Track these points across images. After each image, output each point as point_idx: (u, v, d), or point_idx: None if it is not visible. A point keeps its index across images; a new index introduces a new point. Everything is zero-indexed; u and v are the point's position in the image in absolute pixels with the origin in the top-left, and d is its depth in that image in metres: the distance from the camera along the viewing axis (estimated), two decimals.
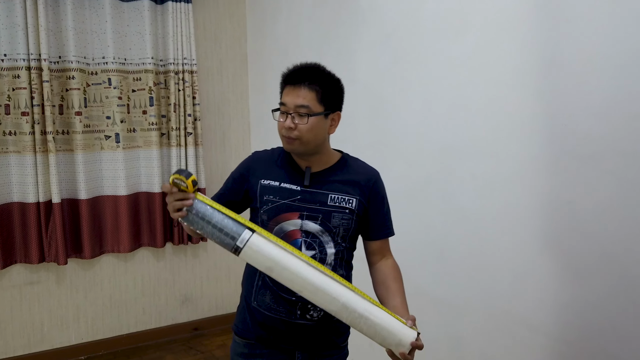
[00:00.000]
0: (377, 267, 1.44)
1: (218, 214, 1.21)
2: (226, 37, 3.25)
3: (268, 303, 1.37)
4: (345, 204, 1.35)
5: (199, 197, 1.22)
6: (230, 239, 1.19)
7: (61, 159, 2.71)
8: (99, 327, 2.99)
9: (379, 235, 1.44)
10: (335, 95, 1.36)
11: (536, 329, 1.62)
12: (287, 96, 1.32)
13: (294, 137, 1.30)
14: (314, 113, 1.30)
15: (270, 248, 1.19)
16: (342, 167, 1.42)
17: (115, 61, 2.78)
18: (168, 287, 3.19)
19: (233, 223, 1.20)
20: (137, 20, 2.85)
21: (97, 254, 2.87)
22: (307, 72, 1.33)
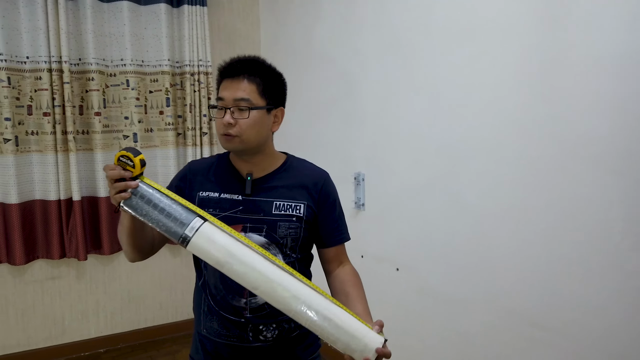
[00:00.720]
0: (334, 275, 1.31)
1: (166, 199, 1.09)
2: (240, 39, 3.32)
3: (217, 329, 1.25)
4: (292, 210, 1.24)
5: (146, 179, 1.10)
6: (178, 227, 1.06)
7: (81, 158, 2.80)
8: (118, 321, 3.08)
9: (333, 241, 1.32)
10: (277, 89, 1.26)
11: (541, 326, 1.65)
12: (225, 90, 1.20)
13: (234, 133, 1.19)
14: (255, 107, 1.19)
15: (223, 238, 1.07)
16: (287, 170, 1.30)
17: (133, 63, 2.86)
18: (184, 282, 3.27)
19: (182, 209, 1.08)
20: (154, 23, 2.92)
21: (116, 250, 2.96)
22: (246, 64, 1.22)
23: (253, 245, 1.09)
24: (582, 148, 1.49)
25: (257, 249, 1.09)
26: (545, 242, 1.62)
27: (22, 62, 2.61)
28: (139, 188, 1.08)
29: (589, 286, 1.50)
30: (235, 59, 1.23)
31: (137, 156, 1.07)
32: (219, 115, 1.21)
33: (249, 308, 1.22)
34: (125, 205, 1.08)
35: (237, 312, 1.22)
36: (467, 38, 1.84)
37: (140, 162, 1.08)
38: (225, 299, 1.23)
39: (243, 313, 1.22)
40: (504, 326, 1.78)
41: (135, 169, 1.07)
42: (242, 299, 1.22)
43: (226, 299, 1.23)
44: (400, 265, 2.24)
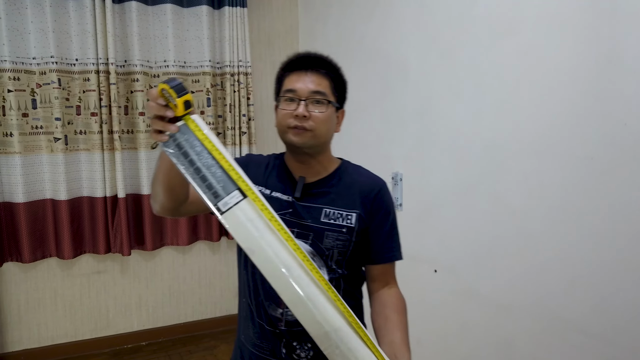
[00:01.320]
0: (376, 295, 1.20)
1: (207, 157, 0.92)
2: (279, 39, 3.35)
3: (252, 338, 1.19)
4: (341, 220, 1.14)
5: (190, 123, 0.93)
6: (212, 195, 0.92)
7: (126, 156, 2.90)
8: (159, 315, 3.17)
9: (380, 258, 1.19)
10: (343, 89, 1.21)
11: (591, 334, 1.59)
12: (299, 82, 1.13)
13: (308, 127, 1.11)
14: (331, 101, 1.14)
15: (259, 226, 0.92)
16: (340, 175, 1.21)
17: (175, 64, 2.93)
18: (223, 279, 3.33)
19: (222, 175, 0.92)
20: (196, 25, 2.99)
21: (158, 246, 3.05)
22: (319, 59, 1.17)
23: (296, 250, 0.94)
24: (638, 148, 1.43)
25: (300, 255, 0.94)
26: (596, 246, 1.57)
27: (72, 64, 2.72)
28: (179, 135, 0.92)
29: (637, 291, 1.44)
30: (305, 53, 1.18)
31: (181, 96, 0.89)
32: (287, 107, 1.13)
33: (285, 320, 1.13)
34: (164, 147, 0.93)
35: (272, 322, 1.14)
36: (513, 33, 1.80)
37: (184, 104, 0.89)
38: (263, 305, 1.16)
39: (278, 324, 1.14)
40: (550, 333, 1.73)
41: (177, 109, 0.90)
42: (279, 309, 1.14)
43: (263, 305, 1.16)
44: (438, 267, 2.22)
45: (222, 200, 0.92)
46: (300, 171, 1.19)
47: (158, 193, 1.08)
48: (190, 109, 0.92)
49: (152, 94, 0.90)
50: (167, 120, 0.92)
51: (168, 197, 1.08)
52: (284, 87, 1.16)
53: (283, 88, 1.16)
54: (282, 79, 1.18)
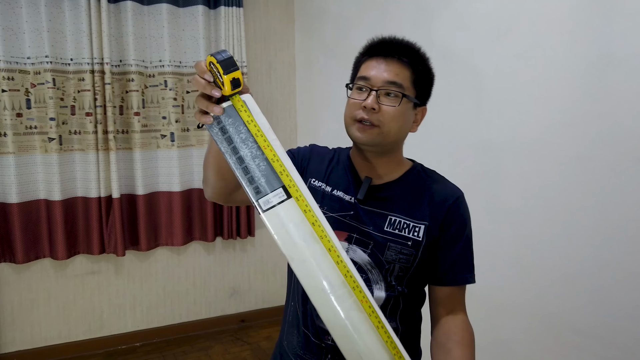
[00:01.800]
0: (440, 323, 1.04)
1: (252, 145, 0.83)
2: (275, 39, 3.35)
3: (295, 347, 1.08)
4: (407, 232, 1.01)
5: (237, 104, 0.83)
6: (254, 190, 0.82)
7: (121, 156, 2.88)
8: (154, 316, 3.16)
9: (449, 279, 1.04)
10: (428, 84, 1.06)
11: (587, 334, 1.61)
12: (373, 69, 0.99)
13: (375, 122, 0.97)
14: (407, 95, 0.99)
15: (302, 233, 0.81)
16: (411, 180, 1.07)
17: (171, 64, 2.92)
18: (217, 279, 3.32)
19: (267, 167, 0.82)
20: (191, 25, 2.98)
21: (153, 247, 3.03)
22: (403, 47, 1.02)
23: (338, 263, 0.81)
24: (635, 149, 1.45)
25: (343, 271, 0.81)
26: (593, 246, 1.58)
27: (66, 64, 2.70)
28: (224, 117, 0.83)
29: (635, 291, 1.46)
30: (389, 38, 1.04)
31: (228, 72, 0.79)
32: (358, 97, 1.00)
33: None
34: (208, 129, 0.85)
35: (319, 334, 1.03)
36: (511, 32, 1.81)
37: (231, 82, 0.80)
38: (310, 314, 1.04)
39: (325, 338, 1.02)
40: (545, 331, 1.75)
41: (225, 89, 0.80)
42: None
43: (311, 314, 1.04)
44: None
45: (264, 198, 0.82)
46: (367, 170, 1.06)
47: (209, 176, 1.00)
48: (239, 87, 0.82)
49: (200, 67, 0.81)
50: (215, 100, 0.83)
51: (219, 182, 0.99)
52: (359, 74, 1.03)
53: (358, 74, 1.03)
54: (359, 65, 1.05)
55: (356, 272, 0.83)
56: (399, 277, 1.02)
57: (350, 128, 1.02)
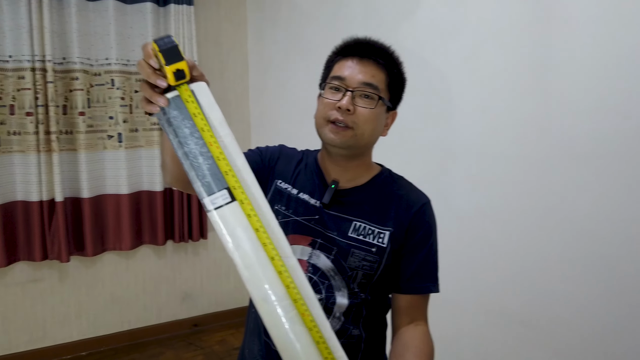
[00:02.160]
0: (400, 333, 0.99)
1: (197, 140, 0.76)
2: (227, 39, 3.31)
3: (256, 355, 1.04)
4: (372, 238, 0.98)
5: (184, 94, 0.76)
6: (200, 187, 0.76)
7: (64, 158, 2.76)
8: (101, 323, 3.04)
9: (410, 287, 1.00)
10: (401, 88, 1.05)
11: (531, 325, 1.68)
12: (349, 69, 0.97)
13: (350, 124, 0.95)
14: (383, 98, 0.98)
15: (249, 239, 0.75)
16: (378, 185, 1.05)
17: (118, 62, 2.83)
18: (169, 284, 3.24)
19: (210, 168, 0.76)
20: (140, 23, 2.89)
21: (99, 252, 2.92)
22: (379, 49, 1.00)
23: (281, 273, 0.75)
24: (572, 148, 1.52)
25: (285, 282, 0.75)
26: (535, 241, 1.65)
27: (5, 61, 2.56)
28: (169, 109, 0.76)
29: (577, 285, 1.54)
30: (365, 39, 1.02)
31: (170, 64, 0.72)
32: (332, 97, 0.97)
33: None
34: (157, 117, 0.79)
35: None
36: (456, 37, 1.87)
37: (174, 74, 0.73)
38: None
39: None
40: (494, 326, 1.81)
41: (168, 79, 0.74)
42: None
43: None
44: None
45: (210, 197, 0.76)
46: (335, 174, 1.03)
47: (166, 161, 0.94)
48: (185, 79, 0.75)
49: (145, 51, 0.73)
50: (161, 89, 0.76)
51: (175, 168, 0.92)
52: (332, 73, 1.00)
53: (331, 74, 1.00)
54: (332, 65, 1.02)
55: (304, 282, 0.77)
56: (361, 284, 0.99)
57: (322, 129, 0.98)
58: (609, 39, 1.41)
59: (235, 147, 0.78)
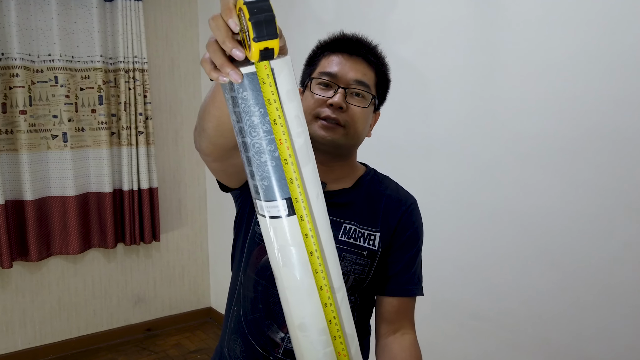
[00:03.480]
0: (385, 343, 0.95)
1: (264, 135, 0.61)
2: (178, 36, 3.23)
3: (238, 356, 0.99)
4: (363, 241, 0.95)
5: (262, 72, 0.59)
6: (258, 187, 0.64)
7: (5, 159, 2.62)
8: (47, 331, 2.91)
9: (396, 289, 0.97)
10: (386, 89, 1.03)
11: (481, 317, 1.72)
12: (340, 65, 0.93)
13: (342, 122, 0.91)
14: (374, 96, 0.95)
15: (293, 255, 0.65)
16: (365, 185, 1.02)
17: (62, 59, 2.71)
18: (120, 288, 3.14)
19: (271, 171, 0.62)
20: (84, 17, 2.78)
21: (45, 257, 2.79)
22: (369, 47, 0.97)
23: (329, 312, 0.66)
24: (518, 146, 1.57)
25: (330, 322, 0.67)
26: (484, 237, 1.70)
27: None
28: (238, 87, 0.60)
29: (524, 278, 1.59)
30: (354, 35, 0.98)
31: (261, 40, 0.55)
32: (321, 92, 0.92)
33: (284, 347, 0.93)
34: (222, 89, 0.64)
35: (267, 346, 0.94)
36: (410, 38, 1.89)
37: (261, 53, 0.56)
38: (260, 323, 0.95)
39: (274, 351, 0.93)
40: (447, 319, 1.84)
41: (250, 53, 0.57)
42: (281, 333, 0.93)
43: (261, 323, 0.95)
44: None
45: (259, 205, 0.65)
46: (321, 175, 0.94)
47: (207, 128, 0.78)
48: (272, 56, 0.58)
49: (226, 5, 0.57)
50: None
51: (218, 138, 0.78)
52: (319, 69, 0.95)
53: (318, 69, 0.95)
54: (318, 60, 0.97)
55: (348, 318, 0.69)
56: (353, 288, 0.95)
57: (311, 125, 0.92)
58: (552, 41, 1.46)
59: (307, 150, 0.64)
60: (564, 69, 1.44)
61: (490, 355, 1.70)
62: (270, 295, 0.79)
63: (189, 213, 3.36)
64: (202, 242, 3.44)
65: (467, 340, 1.77)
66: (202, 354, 2.98)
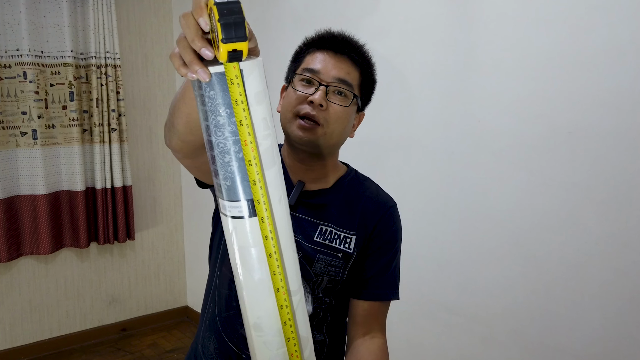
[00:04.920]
0: (354, 345, 0.95)
1: (229, 135, 0.61)
2: (151, 31, 3.18)
3: (212, 353, 0.99)
4: (338, 243, 0.94)
5: (231, 71, 0.59)
6: (221, 186, 0.64)
7: None
8: (18, 333, 2.84)
9: (369, 293, 0.96)
10: (371, 89, 1.01)
11: (456, 312, 1.75)
12: (324, 63, 0.91)
13: (321, 121, 0.89)
14: (357, 96, 0.94)
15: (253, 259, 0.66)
16: (345, 186, 1.00)
17: (30, 54, 2.64)
18: (94, 288, 3.08)
19: (235, 172, 0.62)
20: (54, 11, 2.71)
21: (14, 257, 2.72)
22: (355, 46, 0.96)
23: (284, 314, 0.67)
24: (492, 143, 1.60)
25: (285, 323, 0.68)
26: (459, 232, 1.72)
27: None
28: (207, 86, 0.60)
29: (498, 273, 1.61)
30: (339, 33, 0.96)
31: (229, 41, 0.55)
32: (302, 89, 0.90)
33: None
34: (192, 86, 0.64)
35: (240, 344, 0.94)
36: (383, 36, 1.90)
37: (229, 54, 0.56)
38: (233, 321, 0.95)
39: (246, 349, 0.92)
40: (422, 314, 1.86)
41: (219, 53, 0.57)
42: None
43: (234, 321, 0.95)
44: None
45: (222, 204, 0.65)
46: (300, 173, 0.97)
47: (176, 124, 0.76)
48: (239, 61, 0.59)
49: (197, 5, 0.57)
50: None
51: (187, 135, 0.77)
52: (303, 65, 0.93)
53: (302, 66, 0.94)
54: (303, 56, 0.96)
55: (304, 321, 0.70)
56: (327, 289, 0.95)
57: (290, 124, 0.91)
58: (526, 41, 1.49)
59: (273, 153, 0.64)
60: (537, 68, 1.46)
61: (465, 349, 1.73)
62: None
63: (164, 211, 3.32)
64: (178, 240, 3.40)
65: (443, 335, 1.79)
66: (178, 354, 2.95)
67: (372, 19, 1.94)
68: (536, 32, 1.46)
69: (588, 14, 1.35)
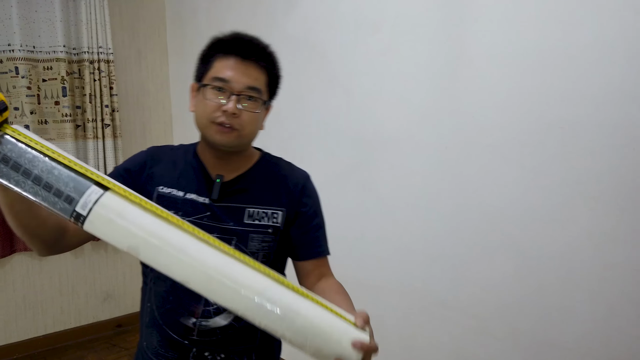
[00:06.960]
0: (314, 288, 1.05)
1: (43, 160, 0.73)
2: (144, 26, 3.16)
3: (155, 347, 1.06)
4: (267, 220, 1.04)
5: (10, 130, 0.74)
6: (64, 202, 0.72)
7: None
8: (12, 329, 2.83)
9: (310, 253, 1.08)
10: (277, 84, 1.08)
11: (448, 306, 1.76)
12: (233, 70, 0.98)
13: (236, 126, 0.97)
14: (265, 100, 1.02)
15: (132, 217, 0.74)
16: (261, 169, 1.09)
17: (22, 49, 2.62)
18: (88, 284, 3.08)
19: (70, 175, 0.73)
20: (46, 6, 2.69)
21: (8, 253, 2.71)
22: (259, 49, 1.02)
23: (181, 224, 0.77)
24: (484, 138, 1.60)
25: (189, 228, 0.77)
26: (452, 227, 1.73)
27: None
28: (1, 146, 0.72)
29: (490, 265, 1.62)
30: (246, 37, 1.02)
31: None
32: (215, 97, 0.97)
33: (197, 330, 1.02)
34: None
35: (182, 333, 1.02)
36: (376, 32, 1.90)
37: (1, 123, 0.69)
38: (173, 314, 1.03)
39: (188, 335, 1.02)
40: (415, 308, 1.87)
41: None
42: (192, 318, 1.01)
43: (174, 313, 1.03)
44: None
45: (79, 203, 0.72)
46: (218, 168, 1.05)
47: (27, 232, 0.89)
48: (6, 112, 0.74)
49: None
50: None
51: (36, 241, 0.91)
52: (212, 72, 0.99)
53: (211, 73, 1.00)
54: (212, 60, 1.01)
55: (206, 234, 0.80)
56: (263, 263, 0.98)
57: (207, 129, 0.99)
58: (517, 36, 1.49)
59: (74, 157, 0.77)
60: (529, 63, 1.47)
61: (459, 343, 1.74)
62: (179, 286, 0.79)
63: None
64: None
65: (436, 329, 1.80)
66: None
67: (364, 14, 1.93)
68: (527, 28, 1.46)
69: (579, 9, 1.35)
